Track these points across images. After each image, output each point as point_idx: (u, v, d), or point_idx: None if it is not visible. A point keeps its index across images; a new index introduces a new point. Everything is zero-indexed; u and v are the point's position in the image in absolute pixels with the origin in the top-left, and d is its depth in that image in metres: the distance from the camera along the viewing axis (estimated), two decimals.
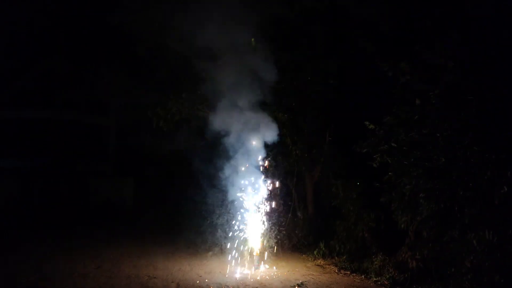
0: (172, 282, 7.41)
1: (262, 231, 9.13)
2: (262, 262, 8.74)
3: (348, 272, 8.47)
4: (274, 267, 8.69)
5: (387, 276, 7.75)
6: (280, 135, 10.52)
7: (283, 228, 10.71)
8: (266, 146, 9.09)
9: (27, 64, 19.86)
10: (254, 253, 8.76)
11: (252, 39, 9.39)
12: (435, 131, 6.83)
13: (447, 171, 6.61)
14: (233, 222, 9.63)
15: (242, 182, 9.26)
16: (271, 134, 8.98)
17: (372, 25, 10.09)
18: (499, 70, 6.63)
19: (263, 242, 9.15)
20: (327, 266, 9.05)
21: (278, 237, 10.46)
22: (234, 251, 9.42)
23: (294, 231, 11.13)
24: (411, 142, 7.25)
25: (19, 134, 19.57)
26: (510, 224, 6.01)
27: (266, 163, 9.17)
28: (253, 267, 8.51)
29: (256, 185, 9.05)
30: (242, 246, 9.45)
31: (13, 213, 14.51)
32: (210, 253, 9.83)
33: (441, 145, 6.68)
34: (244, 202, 9.31)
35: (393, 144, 7.41)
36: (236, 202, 9.56)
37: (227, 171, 9.57)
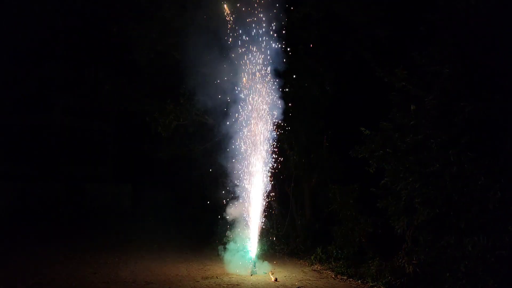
0: (169, 287, 7.43)
1: (260, 236, 9.16)
2: (260, 267, 8.75)
3: (345, 277, 8.50)
4: (271, 272, 8.70)
5: (384, 281, 7.77)
6: (277, 140, 10.60)
7: (280, 233, 10.73)
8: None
9: (28, 71, 19.94)
10: (252, 259, 8.78)
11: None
12: (429, 137, 6.89)
13: (441, 177, 6.66)
14: (230, 227, 9.66)
15: (241, 186, 9.31)
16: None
17: (368, 32, 10.22)
18: (492, 76, 6.70)
19: (260, 247, 9.17)
20: (324, 271, 9.07)
21: (276, 242, 10.48)
22: (232, 256, 9.44)
23: (292, 236, 11.16)
24: (406, 148, 7.31)
25: (18, 140, 19.61)
26: (503, 229, 6.05)
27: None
28: (250, 272, 8.52)
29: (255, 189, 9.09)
30: (240, 252, 9.47)
31: (11, 218, 14.51)
32: (208, 258, 9.84)
33: (435, 151, 6.74)
34: (243, 206, 9.35)
35: (388, 150, 7.47)
36: (234, 207, 9.59)
37: (225, 176, 9.62)
